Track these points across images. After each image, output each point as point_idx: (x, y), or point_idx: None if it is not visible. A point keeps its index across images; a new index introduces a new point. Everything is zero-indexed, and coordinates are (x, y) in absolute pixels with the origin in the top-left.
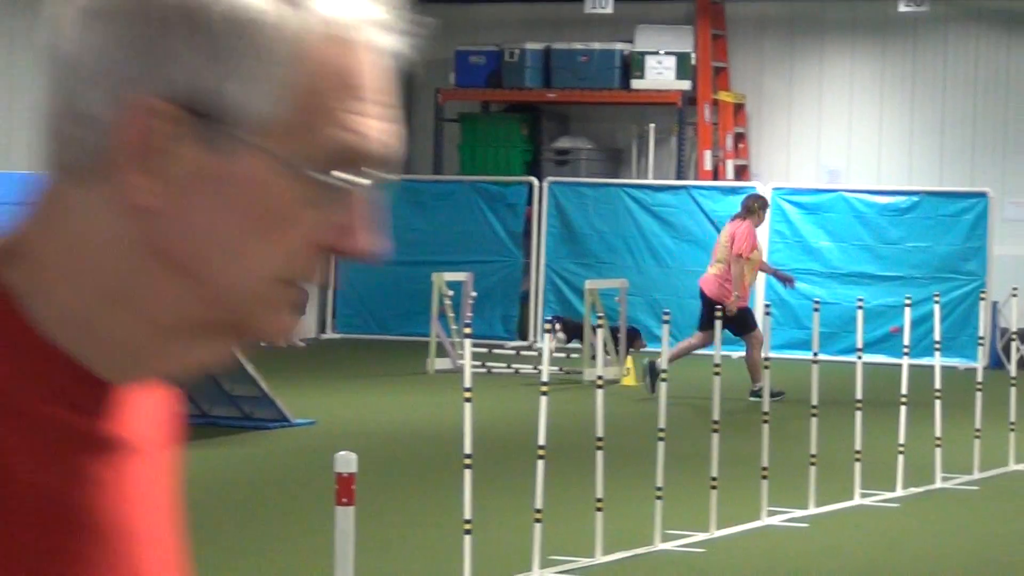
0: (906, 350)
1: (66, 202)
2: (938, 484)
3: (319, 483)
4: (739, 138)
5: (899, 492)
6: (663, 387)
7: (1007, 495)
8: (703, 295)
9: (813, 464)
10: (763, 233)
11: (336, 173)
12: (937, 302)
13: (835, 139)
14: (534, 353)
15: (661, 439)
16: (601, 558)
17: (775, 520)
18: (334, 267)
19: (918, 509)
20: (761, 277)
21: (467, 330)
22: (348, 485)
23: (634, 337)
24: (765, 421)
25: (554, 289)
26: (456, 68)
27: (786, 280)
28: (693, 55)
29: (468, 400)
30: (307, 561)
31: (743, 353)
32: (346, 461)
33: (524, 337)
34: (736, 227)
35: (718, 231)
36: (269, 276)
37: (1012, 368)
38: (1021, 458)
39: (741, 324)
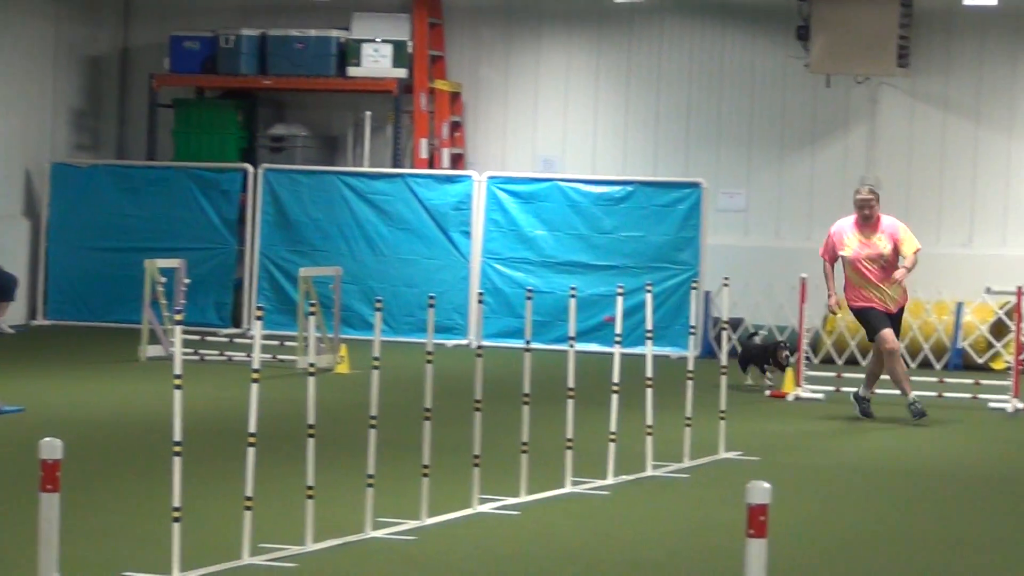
0: (618, 339)
1: None
2: (649, 472)
3: (26, 471)
4: (455, 127)
5: (610, 480)
6: (375, 374)
7: (717, 483)
8: None
9: (525, 452)
10: (478, 221)
11: None
12: (649, 291)
13: (550, 129)
14: (247, 340)
15: (373, 427)
16: (312, 546)
17: (486, 508)
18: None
19: (629, 497)
20: (477, 263)
21: (178, 317)
22: (53, 472)
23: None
24: (477, 409)
25: (268, 276)
26: (170, 53)
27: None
28: (409, 43)
29: (178, 387)
30: (12, 549)
31: (460, 341)
32: (51, 447)
33: (237, 324)
34: None
35: (434, 219)
36: None
37: (723, 357)
38: (731, 446)
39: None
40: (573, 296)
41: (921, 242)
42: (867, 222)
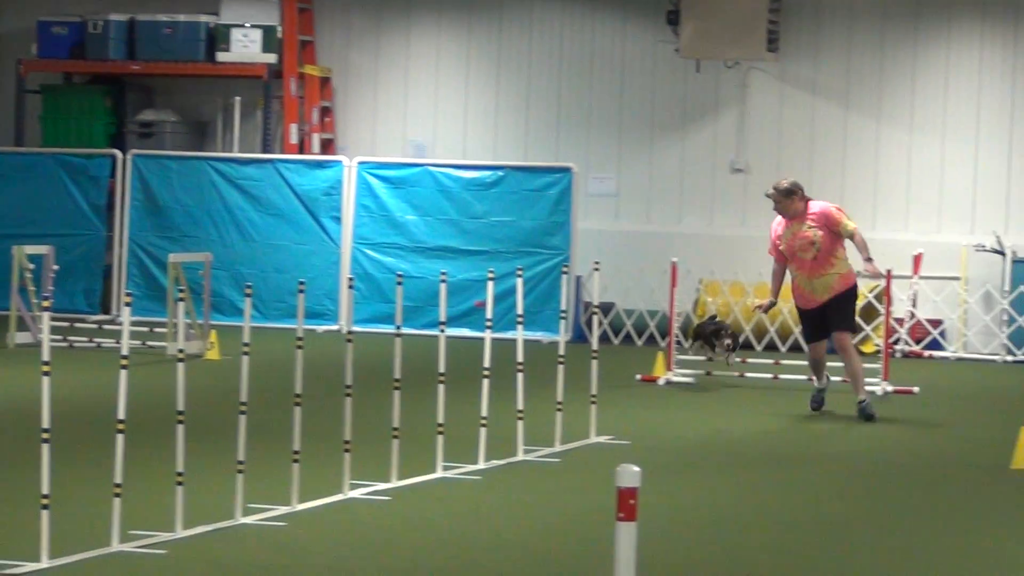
0: (489, 324)
1: None
2: (520, 456)
3: None
4: (325, 112)
5: (481, 465)
6: (245, 360)
7: (588, 467)
8: None
9: (396, 437)
10: (349, 206)
11: None
12: (520, 276)
13: (421, 114)
14: (116, 327)
15: (243, 413)
16: (182, 532)
17: (357, 493)
18: None
19: (500, 481)
20: (347, 248)
21: (46, 303)
22: None
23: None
24: (348, 395)
25: (137, 263)
26: (38, 39)
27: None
28: (279, 28)
29: (47, 374)
30: None
31: (330, 326)
32: None
33: (106, 311)
34: None
35: (304, 205)
36: None
37: (594, 341)
38: (602, 430)
39: None
40: (444, 281)
41: None
42: (789, 217)
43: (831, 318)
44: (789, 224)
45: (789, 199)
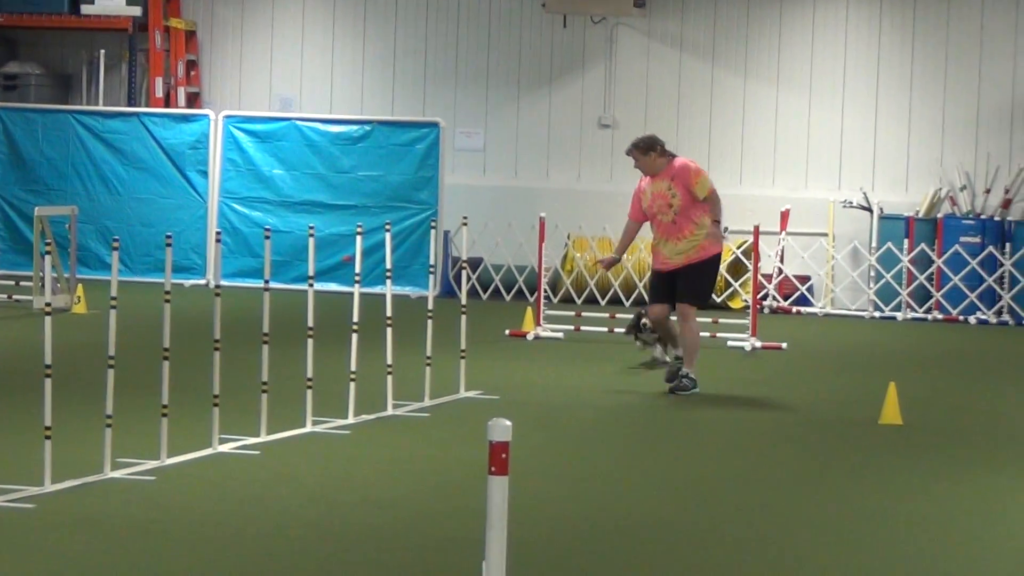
0: (357, 278)
1: None
2: (389, 411)
3: None
4: (191, 65)
5: (350, 420)
6: (113, 314)
7: (457, 421)
8: None
9: (265, 392)
10: (215, 160)
11: None
12: (388, 231)
13: (287, 67)
14: None
15: (111, 367)
16: (50, 486)
17: (226, 448)
18: None
19: (369, 436)
20: (214, 202)
21: None
22: None
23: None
24: (216, 349)
25: (3, 216)
26: None
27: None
28: None
29: None
30: None
31: (197, 281)
32: None
33: None
34: None
35: (170, 159)
36: None
37: (463, 296)
38: (472, 385)
39: None
40: (312, 236)
41: None
42: (649, 174)
43: (680, 287)
44: (651, 182)
45: (647, 156)
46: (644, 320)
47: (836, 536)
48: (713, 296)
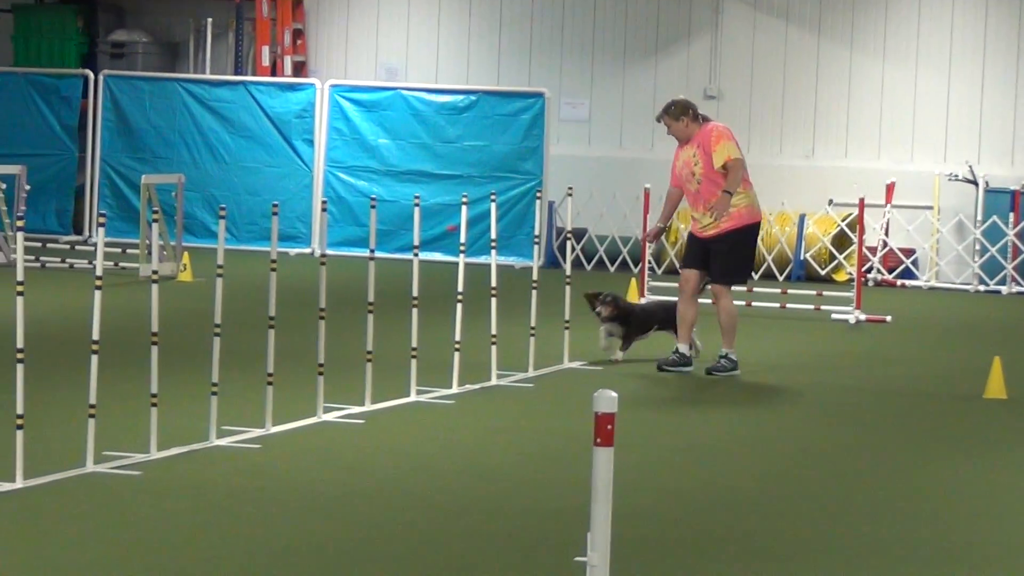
0: (462, 248)
1: None
2: (493, 381)
3: None
4: (297, 34)
5: (455, 389)
6: (219, 282)
7: (560, 392)
8: None
9: (369, 361)
10: (321, 129)
11: None
12: (494, 201)
13: (393, 36)
14: (88, 248)
15: (217, 335)
16: (156, 454)
17: (331, 417)
18: None
19: (473, 406)
20: (320, 171)
21: (20, 223)
22: None
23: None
24: (322, 318)
25: (110, 183)
26: None
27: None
28: None
29: (21, 294)
30: None
31: (302, 249)
32: None
33: (78, 231)
34: None
35: (276, 128)
36: None
37: (567, 267)
38: (574, 356)
39: None
40: (417, 205)
41: (764, 154)
42: (683, 141)
43: (712, 265)
44: (682, 149)
45: (678, 121)
46: (599, 308)
47: (941, 509)
48: (817, 268)
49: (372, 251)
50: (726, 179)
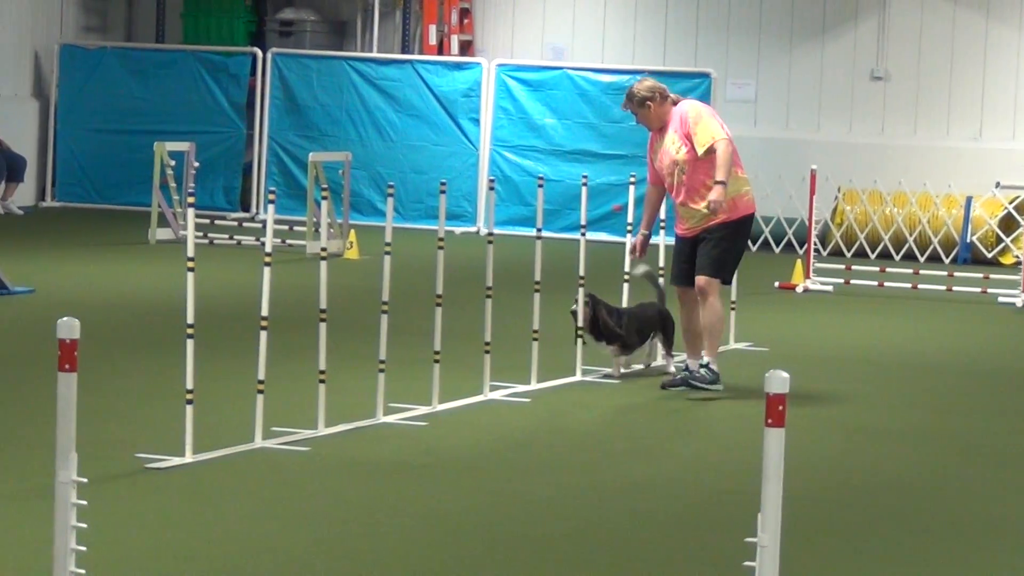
0: (629, 228)
1: None
2: (659, 361)
3: (37, 352)
4: (464, 13)
5: (622, 369)
6: (387, 260)
7: (728, 372)
8: None
9: (535, 340)
10: (487, 109)
11: None
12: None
13: (560, 16)
14: (257, 225)
15: (385, 312)
16: (324, 430)
17: (497, 395)
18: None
19: (639, 385)
20: (486, 150)
21: (190, 200)
22: (71, 351)
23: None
24: (488, 296)
25: (277, 161)
26: None
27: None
28: None
29: (191, 270)
30: (28, 430)
31: (468, 228)
32: (69, 327)
33: (246, 208)
34: None
35: (443, 106)
36: None
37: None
38: (740, 337)
39: None
40: (585, 184)
41: (931, 136)
42: (654, 129)
43: (699, 257)
44: (656, 137)
45: (643, 108)
46: (573, 307)
47: None
48: (983, 251)
49: (539, 230)
50: (717, 167)
